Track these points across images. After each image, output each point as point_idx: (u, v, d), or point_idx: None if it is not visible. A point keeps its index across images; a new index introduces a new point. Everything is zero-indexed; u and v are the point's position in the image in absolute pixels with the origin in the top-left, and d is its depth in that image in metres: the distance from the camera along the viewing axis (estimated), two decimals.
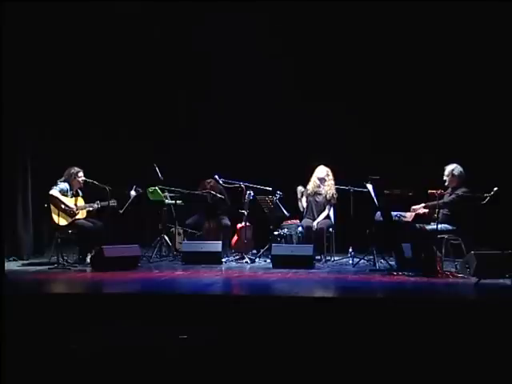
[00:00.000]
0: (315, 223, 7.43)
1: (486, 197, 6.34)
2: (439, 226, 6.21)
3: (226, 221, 7.80)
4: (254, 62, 8.45)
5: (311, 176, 7.62)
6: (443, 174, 6.52)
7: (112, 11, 8.14)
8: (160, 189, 7.72)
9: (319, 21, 8.30)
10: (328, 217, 7.58)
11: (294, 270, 6.56)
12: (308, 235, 7.31)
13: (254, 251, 7.82)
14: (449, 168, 6.49)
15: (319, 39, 8.40)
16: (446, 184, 6.51)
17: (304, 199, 7.62)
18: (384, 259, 6.94)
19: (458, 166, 6.46)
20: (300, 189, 7.62)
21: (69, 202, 7.05)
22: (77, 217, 7.07)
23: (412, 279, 6.05)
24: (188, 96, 8.81)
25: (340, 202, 7.51)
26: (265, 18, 8.31)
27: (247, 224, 7.62)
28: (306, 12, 8.25)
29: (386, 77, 8.33)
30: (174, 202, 7.93)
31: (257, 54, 8.44)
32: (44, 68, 7.93)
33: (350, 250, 7.31)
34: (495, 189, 6.30)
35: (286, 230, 7.62)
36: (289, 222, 7.72)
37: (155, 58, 8.65)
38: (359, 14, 8.19)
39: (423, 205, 6.50)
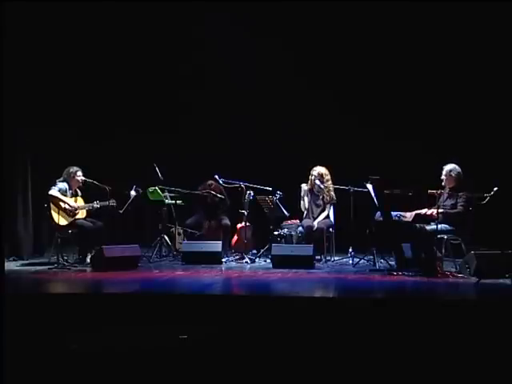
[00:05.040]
0: (315, 223, 7.43)
1: (486, 197, 6.34)
2: (439, 226, 6.20)
3: (226, 221, 7.80)
4: (254, 60, 8.46)
5: (308, 177, 7.62)
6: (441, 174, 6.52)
7: (111, 12, 8.15)
8: (160, 189, 7.72)
9: (320, 19, 8.30)
10: (328, 217, 7.58)
11: (294, 270, 6.56)
12: (308, 235, 7.31)
13: (254, 251, 7.81)
14: (446, 168, 6.45)
15: (321, 37, 8.41)
16: (443, 184, 6.49)
17: (306, 199, 7.61)
18: (384, 259, 6.95)
19: (456, 167, 6.43)
20: (305, 187, 7.60)
21: (69, 201, 7.04)
22: (77, 217, 7.07)
23: (412, 279, 6.05)
24: (188, 96, 8.80)
25: (340, 201, 7.51)
26: (264, 17, 8.33)
27: (247, 224, 7.61)
28: (306, 12, 8.26)
29: (386, 77, 8.34)
30: (174, 202, 7.94)
31: (257, 52, 8.44)
32: (44, 68, 7.92)
33: (350, 250, 7.31)
34: (495, 189, 6.30)
35: (286, 230, 7.62)
36: (289, 222, 7.71)
37: (155, 57, 8.64)
38: (359, 15, 8.19)
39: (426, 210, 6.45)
